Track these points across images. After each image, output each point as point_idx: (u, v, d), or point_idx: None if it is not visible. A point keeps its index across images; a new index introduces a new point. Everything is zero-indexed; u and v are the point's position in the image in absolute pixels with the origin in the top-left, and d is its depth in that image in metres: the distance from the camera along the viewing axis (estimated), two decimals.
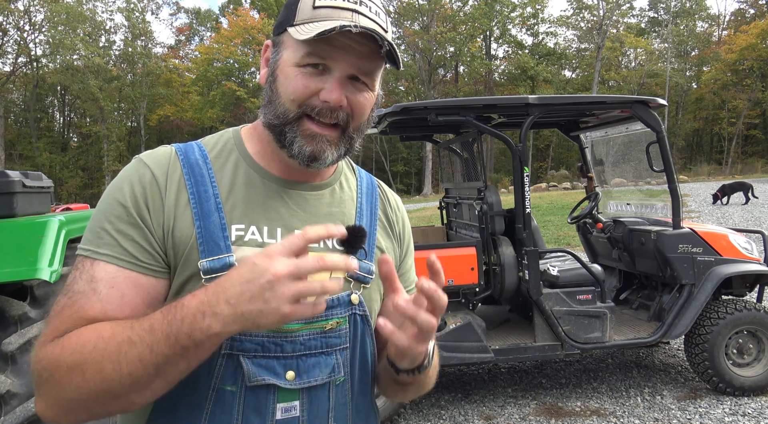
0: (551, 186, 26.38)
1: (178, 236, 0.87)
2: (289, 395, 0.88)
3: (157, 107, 38.70)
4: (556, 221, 13.30)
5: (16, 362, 1.84)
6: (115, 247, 0.85)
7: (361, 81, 0.89)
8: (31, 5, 34.26)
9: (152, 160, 0.91)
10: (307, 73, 0.87)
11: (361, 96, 0.90)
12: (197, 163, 0.92)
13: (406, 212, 1.15)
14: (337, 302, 0.93)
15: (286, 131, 0.89)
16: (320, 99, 0.87)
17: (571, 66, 43.00)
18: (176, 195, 0.88)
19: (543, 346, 3.84)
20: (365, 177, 1.10)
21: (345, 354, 0.94)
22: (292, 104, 0.88)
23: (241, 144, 0.97)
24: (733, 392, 3.92)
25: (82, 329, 0.79)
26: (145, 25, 39.08)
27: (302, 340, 0.89)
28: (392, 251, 1.06)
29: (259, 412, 0.87)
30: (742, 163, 34.85)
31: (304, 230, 0.74)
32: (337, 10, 0.86)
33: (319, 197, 0.98)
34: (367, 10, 0.87)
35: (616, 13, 38.61)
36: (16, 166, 32.30)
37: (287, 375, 0.88)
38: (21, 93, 39.46)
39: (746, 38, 34.78)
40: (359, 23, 0.84)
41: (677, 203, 4.01)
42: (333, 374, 0.92)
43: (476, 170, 4.38)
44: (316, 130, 0.89)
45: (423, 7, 38.12)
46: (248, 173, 0.95)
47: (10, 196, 2.18)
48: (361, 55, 0.87)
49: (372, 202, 1.06)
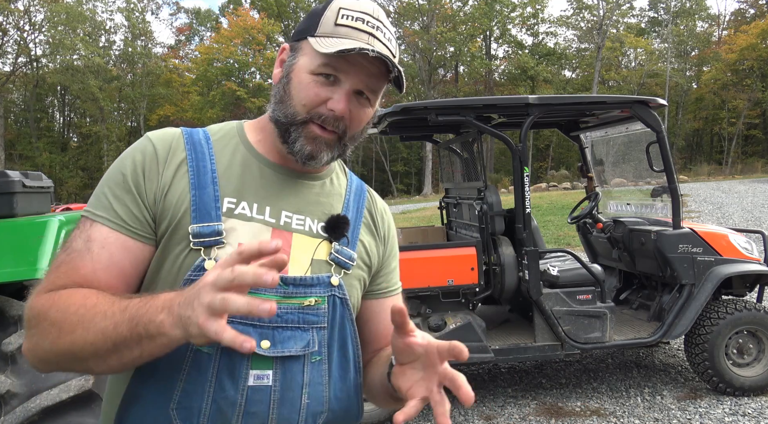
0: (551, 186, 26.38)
1: (171, 200, 0.94)
2: (263, 363, 0.92)
3: (157, 107, 38.69)
4: (556, 221, 13.30)
5: (16, 362, 1.84)
6: (109, 210, 0.94)
7: (365, 96, 0.98)
8: (31, 5, 34.28)
9: (157, 137, 1.00)
10: (320, 81, 0.95)
11: (362, 110, 0.99)
12: (200, 142, 1.01)
13: (392, 217, 1.21)
14: (317, 281, 0.98)
15: (291, 131, 0.97)
16: (327, 107, 0.95)
17: (571, 66, 43.00)
18: (176, 168, 0.97)
19: (543, 346, 3.84)
20: (355, 180, 1.18)
21: (322, 334, 0.98)
22: (302, 108, 0.96)
23: (242, 133, 1.06)
24: (733, 392, 3.92)
25: (74, 291, 0.88)
26: (145, 25, 39.09)
27: (280, 312, 0.93)
28: (375, 247, 1.12)
29: (232, 376, 0.91)
30: (742, 163, 34.84)
31: (239, 246, 0.76)
32: (357, 31, 0.95)
33: (309, 186, 1.06)
34: (382, 35, 0.97)
35: (616, 13, 38.60)
36: (16, 166, 32.29)
37: (262, 344, 0.92)
38: (21, 93, 39.45)
39: (746, 38, 34.76)
40: (375, 47, 0.93)
41: (677, 203, 4.01)
42: (307, 348, 0.96)
43: (476, 170, 4.38)
44: (319, 133, 0.97)
45: (423, 7, 38.11)
46: (246, 156, 1.03)
47: (10, 196, 2.18)
48: (371, 74, 0.96)
49: (359, 202, 1.13)
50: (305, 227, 1.01)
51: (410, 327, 0.85)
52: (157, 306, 0.78)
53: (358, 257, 1.07)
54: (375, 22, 0.97)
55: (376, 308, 1.13)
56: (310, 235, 1.01)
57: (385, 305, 1.13)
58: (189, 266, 0.92)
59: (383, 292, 1.14)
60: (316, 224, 1.03)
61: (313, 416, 0.98)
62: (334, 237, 1.03)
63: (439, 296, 3.77)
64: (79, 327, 0.82)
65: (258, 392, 0.92)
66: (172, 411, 0.90)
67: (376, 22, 0.97)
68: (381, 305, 1.13)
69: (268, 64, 35.91)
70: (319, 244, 1.02)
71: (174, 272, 0.93)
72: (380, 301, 1.14)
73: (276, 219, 0.99)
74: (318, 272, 0.99)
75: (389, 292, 1.15)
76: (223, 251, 0.93)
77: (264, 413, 0.93)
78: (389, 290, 1.15)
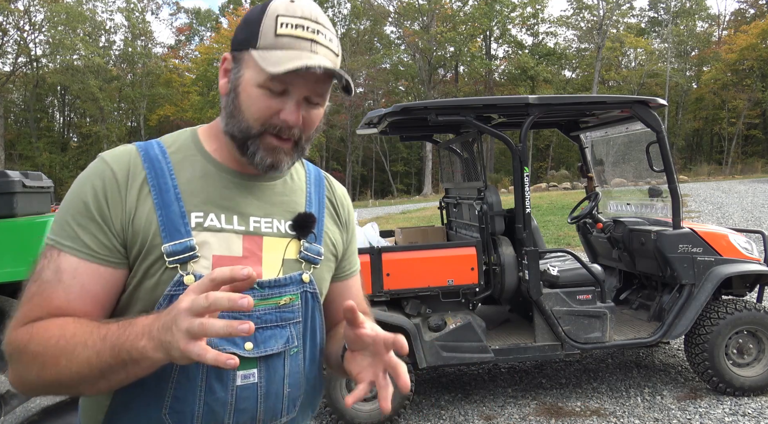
0: (551, 186, 26.38)
1: (139, 224, 0.95)
2: (248, 364, 0.97)
3: (157, 107, 38.69)
4: (556, 221, 13.30)
5: None
6: (76, 240, 0.93)
7: (314, 101, 0.99)
8: (31, 5, 34.27)
9: (113, 158, 0.98)
10: (269, 94, 0.96)
11: (313, 113, 1.00)
12: (157, 159, 1.00)
13: (350, 201, 1.27)
14: (289, 280, 1.03)
15: (249, 144, 0.98)
16: (280, 118, 0.96)
17: (571, 66, 42.99)
18: (138, 189, 0.96)
19: (543, 346, 3.84)
20: (313, 170, 1.20)
21: (298, 328, 1.04)
22: (255, 123, 0.97)
23: (198, 143, 1.06)
24: (733, 392, 3.92)
25: (50, 323, 0.89)
26: (145, 25, 39.09)
27: (258, 314, 0.98)
28: (339, 235, 1.17)
29: (221, 379, 0.95)
30: (742, 163, 34.84)
31: (211, 271, 0.80)
32: (298, 39, 0.95)
33: (271, 187, 1.08)
34: (323, 38, 0.97)
35: (616, 13, 38.59)
36: (16, 166, 32.28)
37: (246, 346, 0.97)
38: (21, 93, 39.44)
39: (746, 38, 34.76)
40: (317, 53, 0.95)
41: (677, 203, 4.01)
42: (287, 344, 1.02)
43: (476, 170, 4.38)
44: (277, 144, 0.99)
45: (423, 7, 38.12)
46: (205, 167, 1.03)
47: (10, 196, 2.18)
48: (318, 80, 0.97)
49: (320, 192, 1.16)
50: (273, 228, 1.04)
51: (360, 320, 0.93)
52: (137, 332, 0.81)
53: (326, 249, 1.12)
54: (314, 26, 0.96)
55: (339, 289, 1.20)
56: (279, 235, 1.05)
57: (348, 285, 1.22)
58: (167, 283, 0.94)
59: (346, 274, 1.22)
60: (283, 224, 1.06)
61: (293, 401, 1.05)
62: (302, 235, 1.07)
63: (439, 296, 3.78)
64: (62, 359, 0.85)
65: (246, 390, 0.97)
66: (165, 416, 0.94)
67: (315, 25, 0.96)
68: (344, 286, 1.22)
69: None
70: (288, 243, 1.06)
71: (152, 290, 0.95)
72: (344, 282, 1.22)
73: (245, 226, 1.02)
74: (290, 271, 1.04)
75: (352, 273, 1.23)
76: (198, 264, 0.95)
77: (253, 408, 0.98)
78: (351, 271, 1.23)
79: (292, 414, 1.06)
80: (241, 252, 1.00)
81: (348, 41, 39.75)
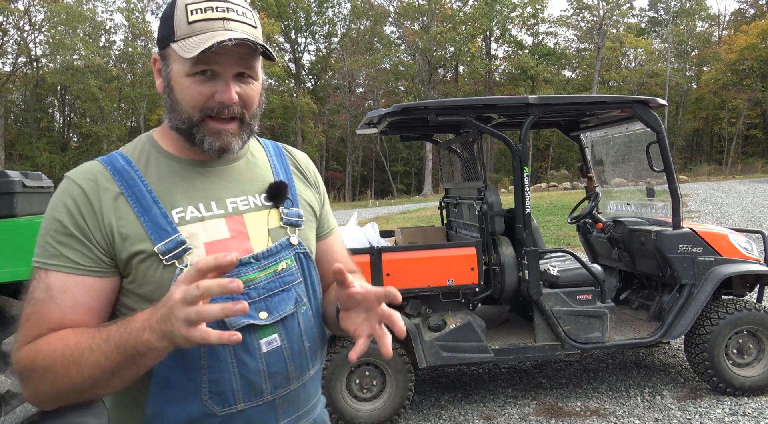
0: (551, 186, 26.37)
1: (126, 233, 0.99)
2: (267, 331, 1.05)
3: (157, 107, 38.62)
4: (556, 221, 13.30)
5: None
6: (60, 257, 0.97)
7: (246, 75, 1.03)
8: (31, 5, 34.26)
9: (78, 176, 1.03)
10: (199, 80, 1.00)
11: (249, 88, 1.04)
12: (124, 169, 1.04)
13: (314, 164, 1.33)
14: (280, 247, 1.10)
15: (194, 132, 1.03)
16: (216, 100, 1.00)
17: (571, 66, 42.99)
18: (113, 200, 1.00)
19: (543, 346, 3.84)
20: (270, 144, 1.26)
21: (301, 287, 1.12)
22: (193, 110, 1.01)
23: (156, 144, 1.10)
24: (733, 392, 3.92)
25: (51, 337, 0.93)
26: (145, 25, 39.02)
27: (263, 284, 1.06)
28: (312, 196, 1.24)
29: (248, 351, 1.03)
30: (742, 163, 34.83)
31: (196, 262, 0.83)
32: (210, 21, 0.98)
33: (236, 168, 1.13)
34: (234, 14, 1.00)
35: (616, 13, 38.59)
36: (16, 166, 32.27)
37: (260, 315, 1.04)
38: (21, 93, 39.43)
39: (746, 38, 34.74)
40: (231, 29, 0.98)
41: (677, 203, 4.01)
42: (297, 304, 1.10)
43: (476, 170, 4.38)
44: (220, 127, 1.03)
45: (423, 7, 38.11)
46: (169, 165, 1.08)
47: (10, 196, 2.18)
48: (240, 55, 1.00)
49: (283, 162, 1.22)
50: (251, 204, 1.11)
51: (349, 281, 0.98)
52: (137, 328, 0.86)
53: (304, 211, 1.18)
54: (223, 5, 1.00)
55: (322, 249, 1.27)
56: (257, 209, 1.11)
57: (329, 243, 1.29)
58: (170, 279, 0.99)
59: (325, 233, 1.29)
60: (258, 198, 1.12)
61: (314, 353, 1.15)
62: (279, 202, 1.13)
63: (439, 296, 3.77)
64: (72, 367, 0.89)
65: (273, 355, 1.05)
66: (207, 402, 1.01)
67: (224, 4, 1.00)
68: (326, 245, 1.28)
69: (267, 65, 35.89)
70: (269, 214, 1.12)
71: (157, 288, 0.99)
72: (324, 241, 1.28)
73: (224, 209, 1.07)
74: (278, 239, 1.10)
75: (330, 231, 1.30)
76: (193, 255, 1.00)
77: (283, 369, 1.07)
78: (330, 229, 1.30)
79: (317, 365, 1.17)
80: (228, 233, 1.05)
81: (348, 41, 39.74)
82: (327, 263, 1.24)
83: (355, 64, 38.30)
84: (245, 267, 1.04)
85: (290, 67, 39.92)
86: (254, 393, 1.04)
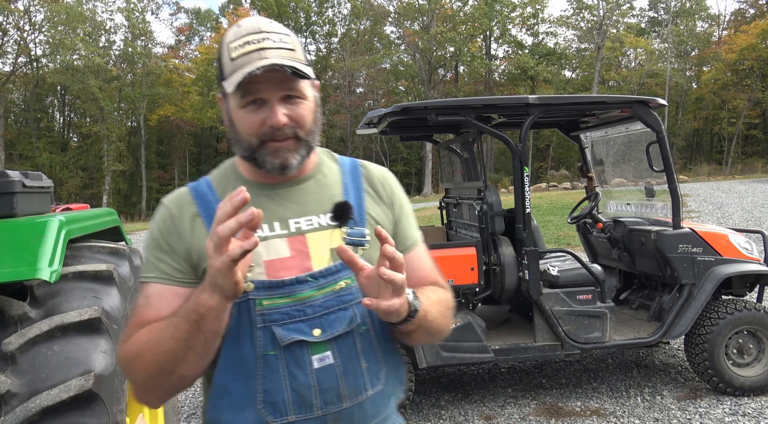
0: (551, 186, 26.37)
1: (200, 249, 1.09)
2: (320, 348, 1.08)
3: (157, 107, 38.66)
4: (556, 221, 13.30)
5: (16, 362, 1.84)
6: (155, 270, 1.12)
7: (292, 97, 1.09)
8: (31, 5, 34.27)
9: (169, 200, 1.18)
10: (251, 110, 1.08)
11: (297, 108, 1.09)
12: (204, 193, 1.17)
13: (395, 180, 1.32)
14: (341, 267, 1.11)
15: (257, 156, 1.11)
16: (267, 125, 1.07)
17: (571, 66, 42.97)
18: (191, 220, 1.14)
19: (543, 346, 3.84)
20: (348, 163, 1.28)
21: (362, 307, 1.10)
22: (251, 138, 1.09)
23: (235, 168, 1.21)
24: (733, 392, 3.92)
25: (142, 329, 1.06)
26: (145, 25, 39.04)
27: (320, 302, 1.09)
28: (383, 214, 1.24)
29: (299, 365, 1.07)
30: (742, 163, 34.81)
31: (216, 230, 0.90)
32: (248, 55, 1.05)
33: (304, 188, 1.18)
34: (271, 43, 1.06)
35: (616, 13, 38.58)
36: (16, 166, 32.26)
37: (314, 332, 1.08)
38: (21, 93, 39.44)
39: (746, 38, 34.73)
40: (267, 57, 1.04)
41: (677, 203, 4.01)
42: (351, 324, 1.11)
43: (476, 170, 4.38)
44: (278, 145, 1.09)
45: (423, 7, 38.10)
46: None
47: (10, 196, 2.17)
48: (279, 79, 1.05)
49: (356, 180, 1.24)
50: (314, 224, 1.15)
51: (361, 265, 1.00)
52: (197, 293, 0.98)
53: (371, 229, 1.17)
54: (258, 36, 1.06)
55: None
56: (321, 229, 1.14)
57: (408, 258, 1.22)
58: None
59: (402, 249, 1.24)
60: (323, 218, 1.15)
61: (375, 374, 1.14)
62: (342, 222, 1.15)
63: None
64: (154, 345, 1.02)
65: (325, 371, 1.08)
66: (261, 411, 1.07)
67: (260, 35, 1.06)
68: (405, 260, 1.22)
69: None
70: (332, 233, 1.15)
71: None
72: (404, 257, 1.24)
73: (287, 229, 1.13)
74: (339, 258, 1.08)
75: (407, 247, 1.27)
76: (254, 272, 1.08)
77: (335, 387, 1.09)
78: (407, 245, 1.27)
79: (377, 387, 1.15)
80: (289, 252, 1.11)
81: (348, 41, 39.74)
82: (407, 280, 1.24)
83: (355, 64, 38.30)
84: (302, 285, 1.09)
85: None
86: (305, 407, 1.07)
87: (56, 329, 1.91)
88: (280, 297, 1.08)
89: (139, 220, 29.61)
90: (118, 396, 1.95)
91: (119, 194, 38.01)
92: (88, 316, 1.96)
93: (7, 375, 1.83)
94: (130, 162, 38.15)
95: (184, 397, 4.53)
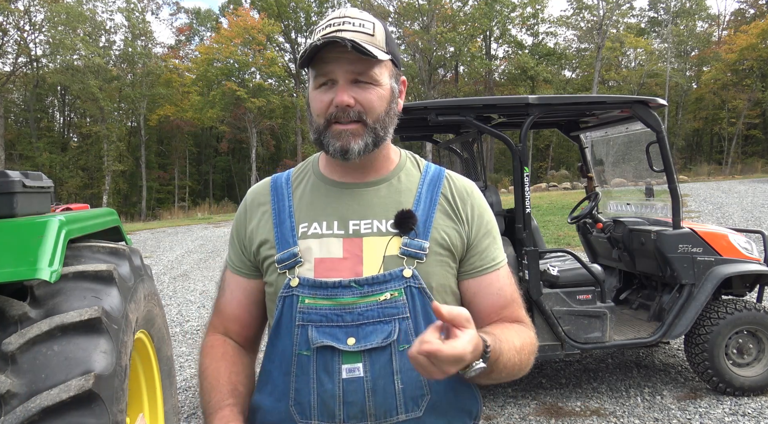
0: (551, 186, 26.35)
1: (263, 239, 1.15)
2: (352, 358, 1.04)
3: (157, 107, 38.63)
4: (556, 220, 13.30)
5: (16, 362, 1.83)
6: (230, 258, 1.23)
7: (364, 81, 1.06)
8: (31, 5, 34.24)
9: (251, 191, 1.24)
10: (322, 91, 1.07)
11: (367, 93, 1.06)
12: (281, 185, 1.20)
13: (481, 198, 1.23)
14: (390, 277, 1.07)
15: (322, 139, 1.10)
16: (333, 105, 1.06)
17: (571, 66, 42.95)
18: (260, 215, 1.18)
19: (543, 346, 3.83)
20: (433, 171, 1.21)
21: (406, 324, 1.06)
22: (319, 118, 1.09)
23: (315, 163, 1.22)
24: (733, 392, 3.92)
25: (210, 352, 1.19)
26: (145, 25, 39.00)
27: (360, 311, 1.05)
28: (454, 231, 1.15)
29: (327, 372, 1.05)
30: (742, 163, 34.79)
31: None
32: (326, 36, 1.03)
33: (375, 191, 1.15)
34: (350, 26, 1.05)
35: (616, 13, 38.56)
36: (16, 166, 32.26)
37: (348, 341, 1.04)
38: (21, 93, 39.41)
39: (746, 38, 34.70)
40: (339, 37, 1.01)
41: (677, 203, 4.01)
42: (389, 338, 1.05)
43: (476, 170, 4.38)
44: (340, 128, 1.07)
45: (423, 7, 38.09)
46: (315, 183, 1.19)
47: (10, 196, 2.17)
48: (351, 61, 1.04)
49: (433, 191, 1.17)
50: (374, 228, 1.11)
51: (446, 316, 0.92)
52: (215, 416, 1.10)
53: (435, 243, 1.11)
54: (340, 20, 1.05)
55: (473, 288, 1.17)
56: (379, 235, 1.10)
57: (483, 283, 1.17)
58: (281, 286, 1.10)
59: (477, 271, 1.16)
60: (385, 224, 1.11)
61: (413, 399, 1.06)
62: (403, 231, 1.10)
63: None
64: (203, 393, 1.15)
65: (352, 384, 1.04)
66: (291, 408, 1.08)
67: (341, 19, 1.05)
68: (478, 285, 1.17)
69: (268, 64, 35.87)
70: (389, 241, 1.10)
71: (274, 294, 1.12)
72: (477, 280, 1.17)
73: (344, 230, 1.11)
74: (390, 268, 1.07)
75: (485, 270, 1.17)
76: (303, 268, 1.09)
77: (361, 402, 1.04)
78: (484, 268, 1.17)
79: (414, 413, 1.06)
80: (342, 253, 1.09)
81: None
82: (479, 305, 1.16)
83: None
84: (345, 289, 1.06)
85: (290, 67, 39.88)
86: (327, 415, 1.05)
87: (56, 329, 1.90)
88: (322, 298, 1.06)
89: (139, 220, 29.60)
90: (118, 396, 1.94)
91: (119, 194, 37.97)
92: (88, 316, 1.96)
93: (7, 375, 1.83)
94: (130, 162, 38.11)
95: (184, 397, 4.53)
